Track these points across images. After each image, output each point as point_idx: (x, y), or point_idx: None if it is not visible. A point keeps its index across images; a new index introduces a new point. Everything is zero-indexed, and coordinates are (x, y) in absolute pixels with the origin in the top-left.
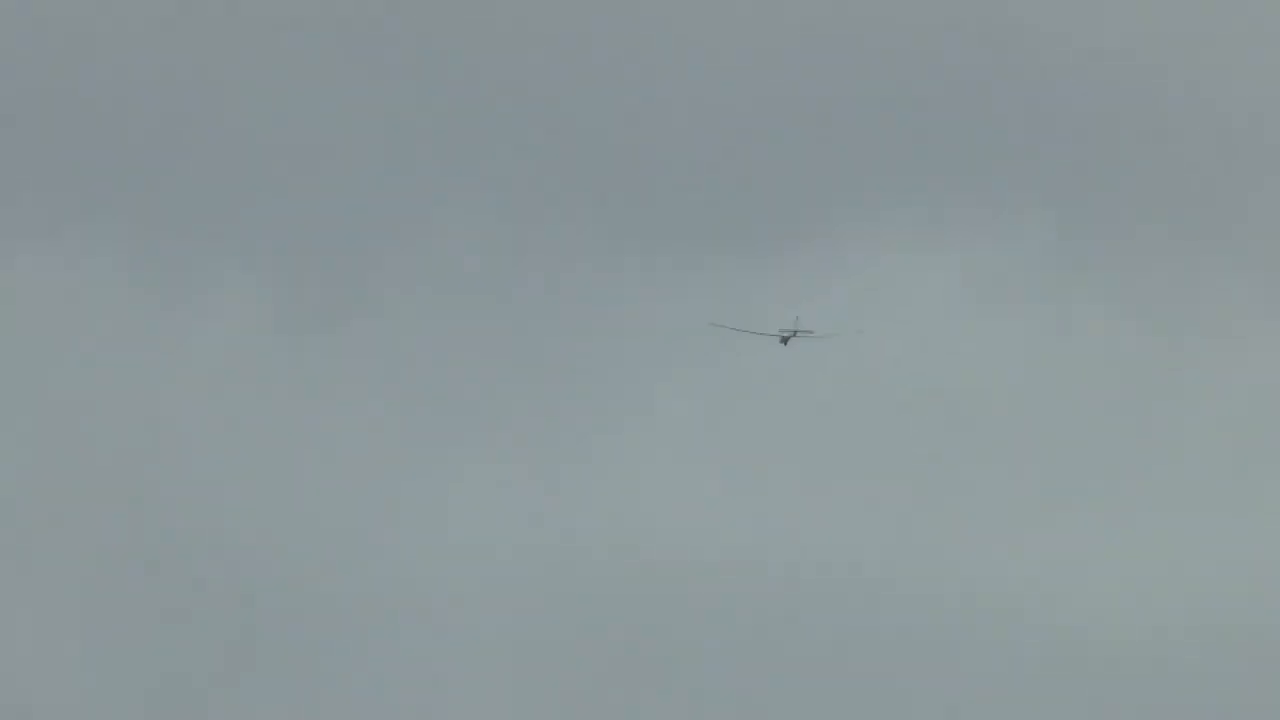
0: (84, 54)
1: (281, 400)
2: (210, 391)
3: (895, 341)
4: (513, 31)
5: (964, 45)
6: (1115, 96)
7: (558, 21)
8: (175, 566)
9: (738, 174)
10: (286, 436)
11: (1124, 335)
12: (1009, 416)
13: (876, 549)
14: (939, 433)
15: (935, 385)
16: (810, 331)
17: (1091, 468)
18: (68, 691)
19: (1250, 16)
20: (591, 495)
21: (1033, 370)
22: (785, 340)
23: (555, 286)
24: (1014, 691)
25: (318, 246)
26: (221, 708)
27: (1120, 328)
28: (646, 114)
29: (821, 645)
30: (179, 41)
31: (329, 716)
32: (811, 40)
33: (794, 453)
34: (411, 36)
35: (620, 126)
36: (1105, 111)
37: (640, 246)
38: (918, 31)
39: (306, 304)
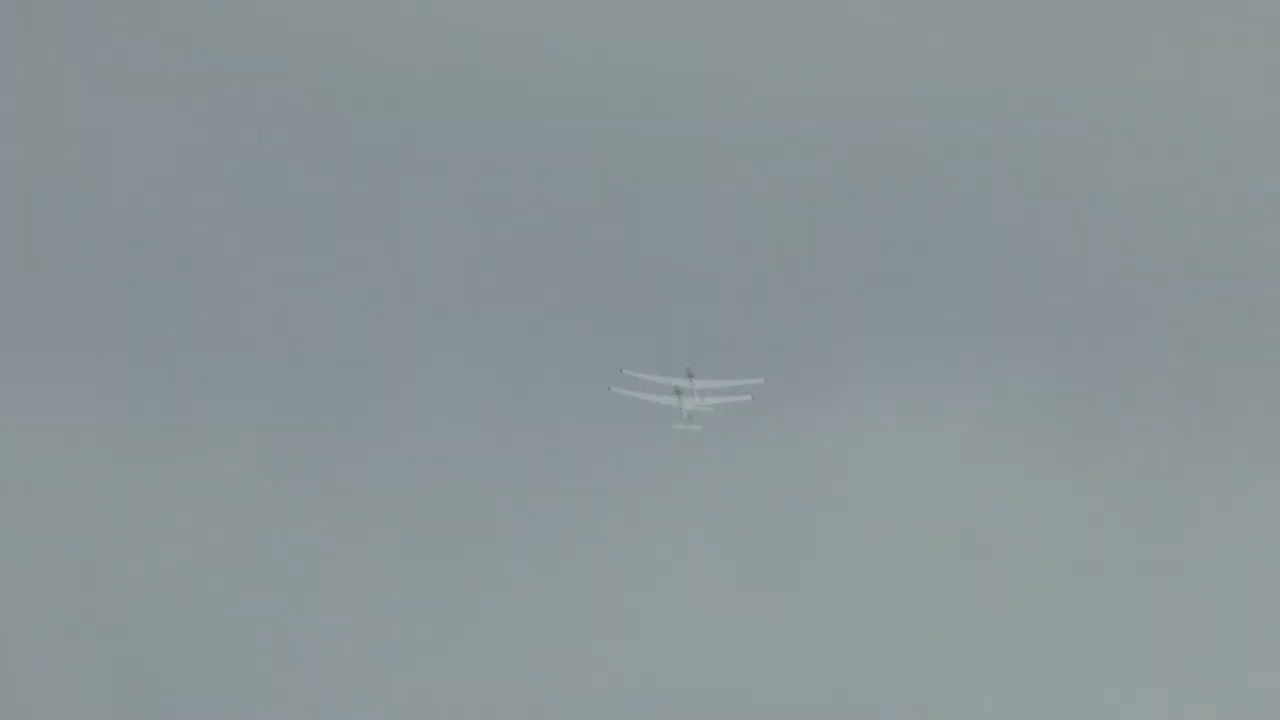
0: (93, 211)
1: (277, 554)
2: (206, 549)
3: (899, 499)
4: (495, 190)
5: (964, 210)
6: (1114, 259)
7: (556, 177)
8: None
9: (745, 336)
10: (283, 591)
11: (1125, 493)
12: (1012, 571)
13: (878, 692)
14: (942, 587)
15: (940, 541)
16: (694, 392)
17: (1094, 623)
18: None
19: (1236, 182)
20: (596, 637)
21: (1034, 526)
22: (679, 393)
23: (551, 434)
24: None
25: (312, 404)
26: None
27: (1122, 486)
28: (655, 265)
29: None
30: (179, 199)
31: None
32: (815, 206)
33: (794, 602)
34: (389, 199)
35: (630, 281)
36: (1106, 275)
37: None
38: (917, 200)
39: (301, 460)
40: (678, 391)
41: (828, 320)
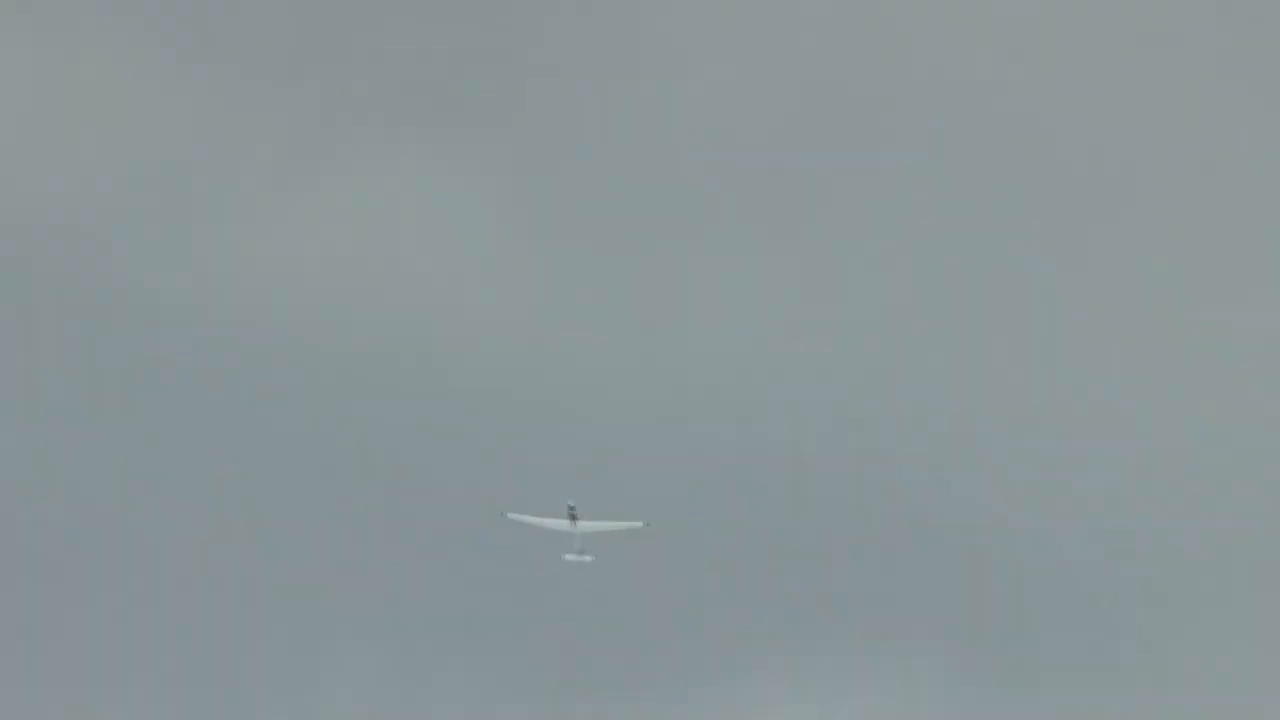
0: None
1: None
2: None
3: None
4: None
5: (853, 494)
6: (1005, 545)
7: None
8: None
9: (638, 623)
10: None
11: None
12: None
13: None
14: None
15: None
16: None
17: None
18: None
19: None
20: None
21: None
22: (574, 518)
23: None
24: None
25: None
26: None
27: None
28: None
29: None
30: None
31: None
32: (688, 492)
33: None
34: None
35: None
36: (997, 559)
37: (546, 686)
38: (794, 481)
39: None
40: (572, 516)
41: (726, 601)
